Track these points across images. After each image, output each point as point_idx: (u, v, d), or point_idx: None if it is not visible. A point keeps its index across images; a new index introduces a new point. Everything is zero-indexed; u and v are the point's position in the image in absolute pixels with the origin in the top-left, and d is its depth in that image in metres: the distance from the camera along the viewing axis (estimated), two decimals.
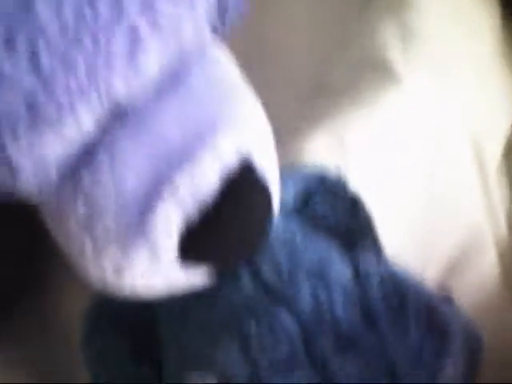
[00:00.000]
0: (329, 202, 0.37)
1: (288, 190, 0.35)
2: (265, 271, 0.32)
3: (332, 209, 0.37)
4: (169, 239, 0.27)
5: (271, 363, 0.31)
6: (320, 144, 0.45)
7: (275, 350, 0.31)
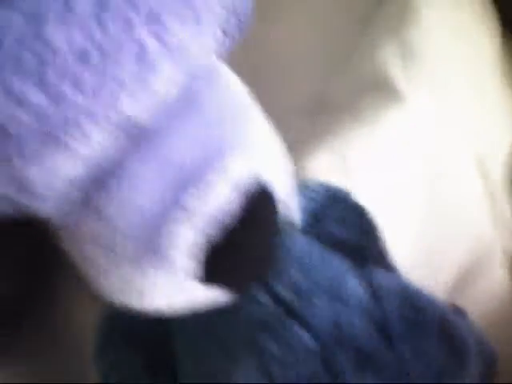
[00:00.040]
0: (339, 218, 0.37)
1: (298, 207, 0.35)
2: (281, 289, 0.32)
3: (342, 224, 0.37)
4: (186, 259, 0.27)
5: (289, 380, 0.31)
6: (322, 162, 0.45)
7: (294, 368, 0.31)
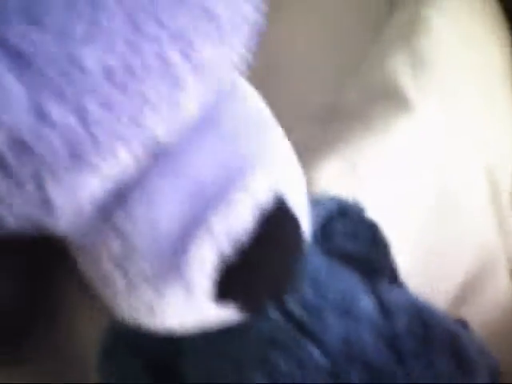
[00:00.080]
0: (349, 232, 0.37)
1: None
2: (292, 305, 0.32)
3: (352, 238, 0.37)
4: (204, 278, 0.27)
5: None
6: (332, 169, 0.45)
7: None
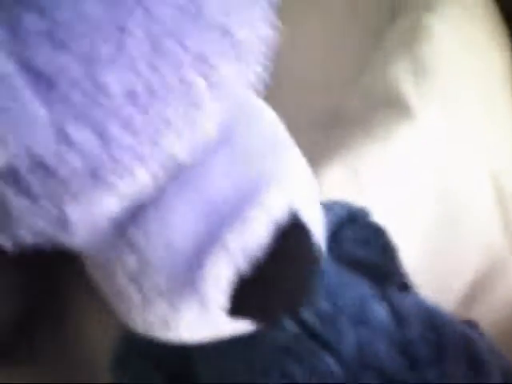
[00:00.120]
0: (359, 238, 0.37)
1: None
2: (305, 314, 0.32)
3: (362, 244, 0.37)
4: (219, 294, 0.27)
5: None
6: (335, 176, 0.45)
7: None
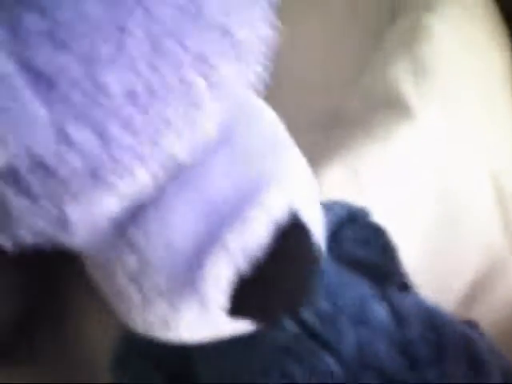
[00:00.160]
0: (359, 238, 0.37)
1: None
2: (305, 314, 0.32)
3: (362, 244, 0.37)
4: (219, 294, 0.27)
5: None
6: (335, 176, 0.45)
7: None
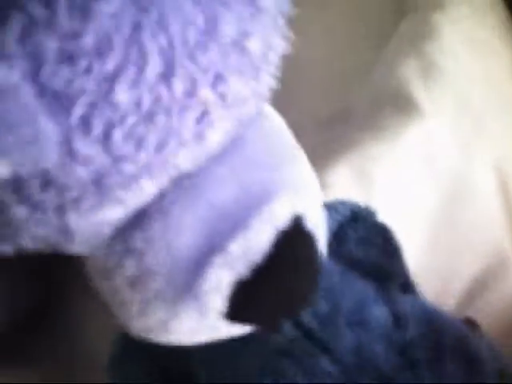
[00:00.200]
0: (361, 237, 0.37)
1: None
2: (303, 315, 0.32)
3: (364, 244, 0.37)
4: (219, 300, 0.27)
5: None
6: (342, 176, 0.46)
7: None
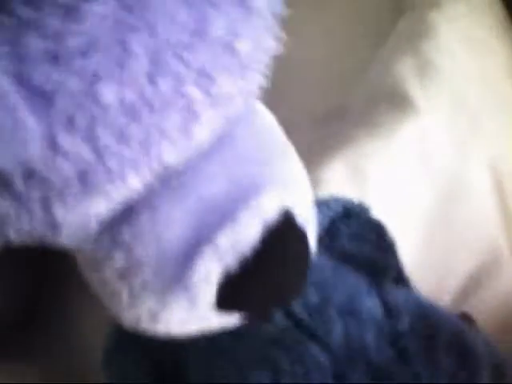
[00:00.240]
0: (354, 233, 0.37)
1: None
2: (294, 306, 0.32)
3: (357, 239, 0.37)
4: (208, 290, 0.27)
5: None
6: (337, 173, 0.45)
7: (306, 382, 0.31)
